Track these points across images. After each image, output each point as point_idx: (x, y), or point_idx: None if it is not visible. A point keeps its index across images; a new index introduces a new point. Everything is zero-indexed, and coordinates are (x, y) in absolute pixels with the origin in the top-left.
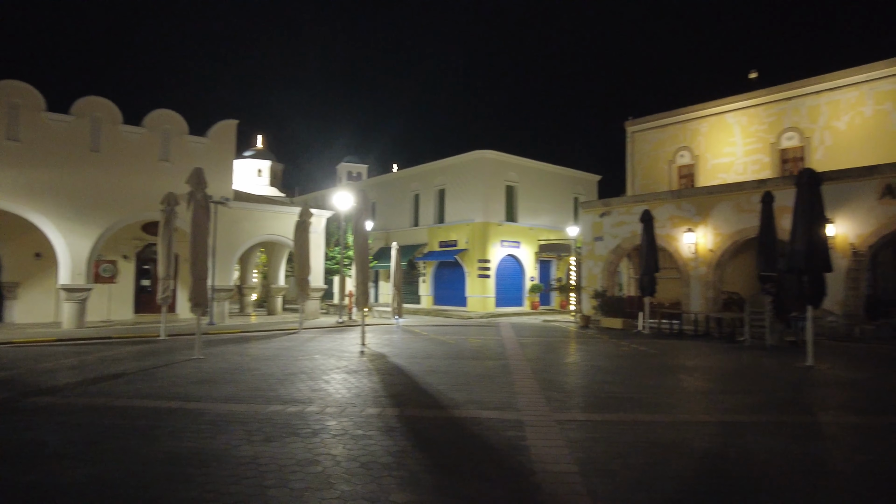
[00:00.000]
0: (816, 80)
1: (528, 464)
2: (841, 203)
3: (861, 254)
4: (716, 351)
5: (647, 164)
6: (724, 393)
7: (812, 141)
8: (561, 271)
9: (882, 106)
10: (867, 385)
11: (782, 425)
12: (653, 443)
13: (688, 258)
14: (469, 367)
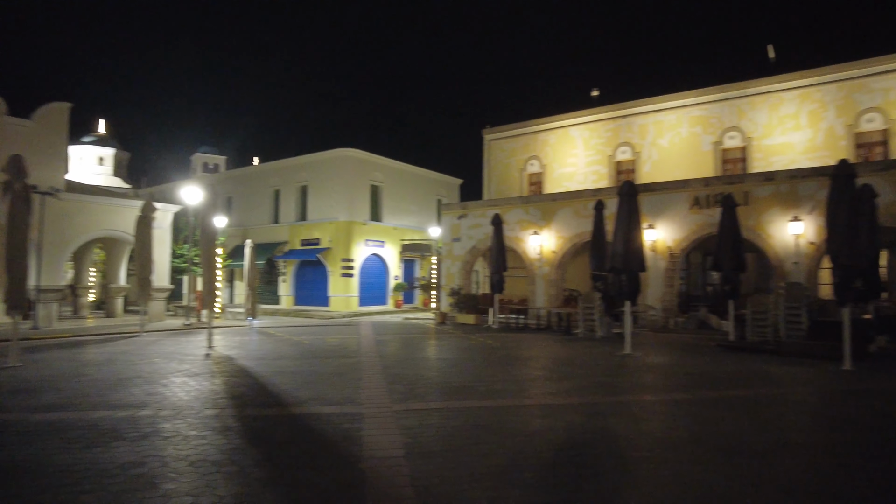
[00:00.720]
0: (645, 101)
1: (359, 452)
2: (661, 211)
3: (676, 256)
4: (553, 342)
5: (502, 170)
6: (550, 379)
7: (642, 155)
8: (424, 270)
9: (694, 129)
10: (670, 368)
11: (594, 405)
12: (477, 426)
13: (534, 258)
14: (320, 366)
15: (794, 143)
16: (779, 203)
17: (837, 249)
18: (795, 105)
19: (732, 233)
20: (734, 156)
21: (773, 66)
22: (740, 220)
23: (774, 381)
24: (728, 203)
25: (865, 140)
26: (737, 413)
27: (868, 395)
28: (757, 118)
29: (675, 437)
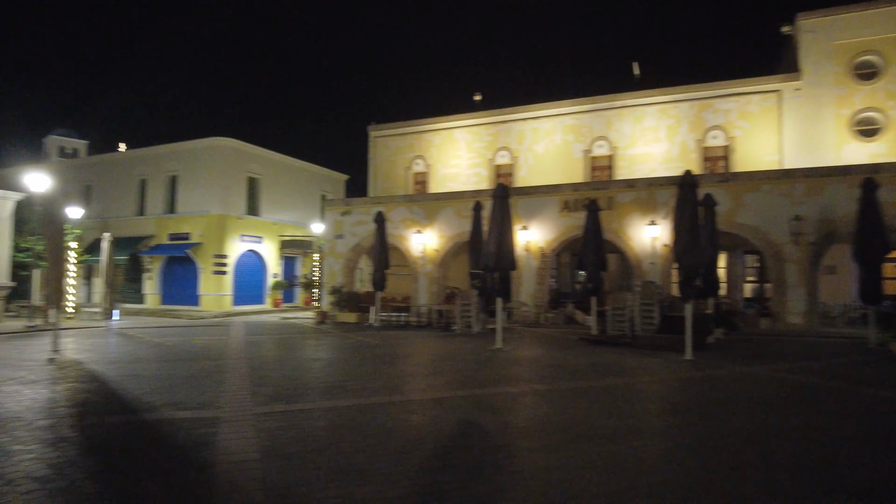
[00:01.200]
0: (524, 108)
1: (211, 458)
2: (535, 213)
3: (547, 255)
4: (431, 339)
5: (388, 168)
6: (422, 375)
7: (519, 160)
8: (306, 268)
9: (567, 137)
10: (535, 361)
11: (460, 399)
12: (342, 425)
13: (417, 256)
14: (180, 369)
15: (654, 153)
16: (638, 208)
17: (682, 251)
18: (656, 119)
19: (595, 235)
20: (602, 163)
21: (638, 82)
22: (605, 224)
23: (626, 372)
24: (592, 207)
25: (711, 154)
26: (590, 401)
27: (702, 381)
28: (623, 129)
29: (530, 425)
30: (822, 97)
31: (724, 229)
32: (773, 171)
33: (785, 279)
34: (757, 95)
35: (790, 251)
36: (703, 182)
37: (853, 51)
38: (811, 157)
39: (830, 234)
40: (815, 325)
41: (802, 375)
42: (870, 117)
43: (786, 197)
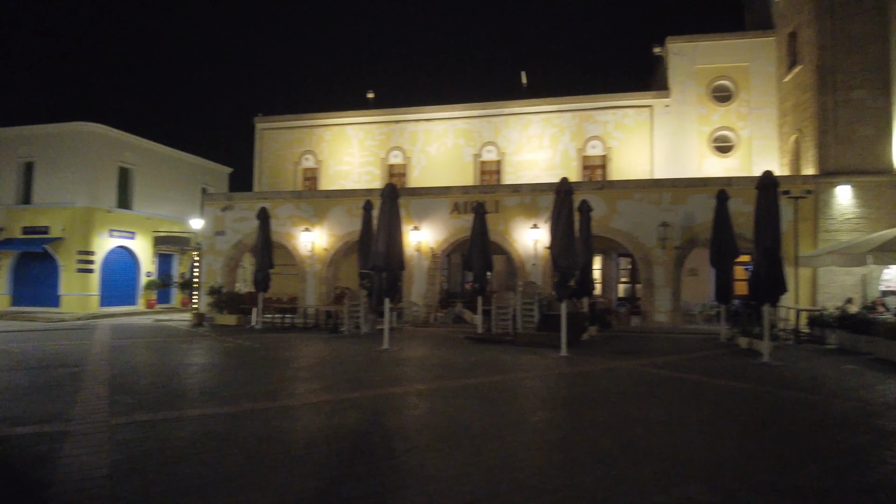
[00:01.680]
0: (417, 109)
1: (50, 477)
2: (426, 214)
3: (438, 256)
4: (317, 341)
5: (275, 162)
6: (302, 379)
7: (412, 161)
8: (184, 266)
9: (458, 140)
10: (421, 361)
11: (340, 402)
12: (208, 434)
13: (305, 255)
14: (28, 378)
15: (538, 160)
16: (523, 212)
17: (558, 254)
18: (541, 127)
19: (482, 237)
20: (491, 168)
21: (526, 90)
22: (492, 226)
23: (506, 369)
24: (479, 210)
25: (590, 163)
26: (468, 399)
27: (574, 376)
28: (510, 136)
29: (410, 426)
30: (686, 114)
31: (600, 233)
32: (644, 181)
33: (653, 280)
34: (632, 109)
35: (658, 255)
36: (580, 189)
37: (712, 75)
38: (677, 169)
39: (692, 240)
40: (679, 323)
41: (663, 369)
42: (725, 135)
43: (654, 205)
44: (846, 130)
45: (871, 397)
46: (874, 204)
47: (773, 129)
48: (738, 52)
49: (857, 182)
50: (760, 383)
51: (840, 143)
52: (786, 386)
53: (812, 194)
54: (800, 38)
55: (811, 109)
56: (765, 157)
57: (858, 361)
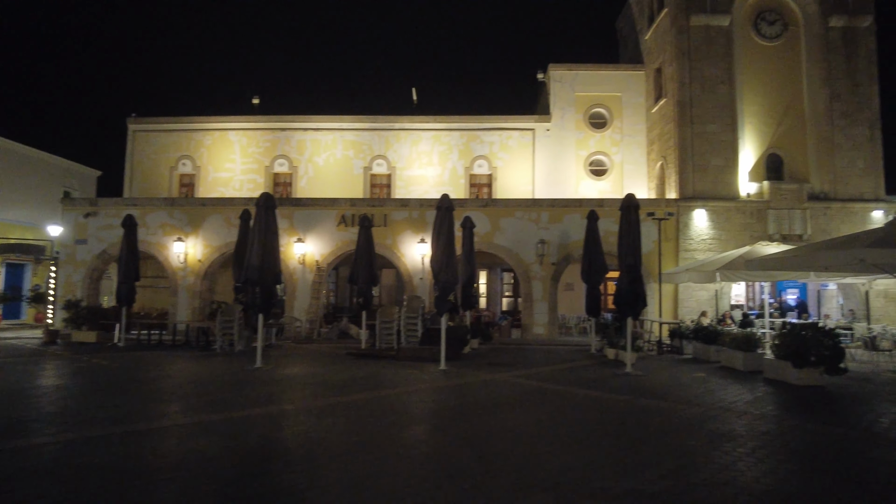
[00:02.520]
0: (305, 118)
1: None
2: (311, 226)
3: (323, 269)
4: (185, 360)
5: (149, 166)
6: (158, 402)
7: (299, 170)
8: (40, 278)
9: (348, 152)
10: (296, 379)
11: (196, 425)
12: (25, 469)
13: (177, 267)
14: None
15: (428, 176)
16: (411, 226)
17: (438, 269)
18: (430, 144)
19: (368, 250)
20: (381, 181)
21: (416, 107)
22: (380, 240)
23: (384, 384)
24: (365, 223)
25: (477, 181)
26: (338, 418)
27: (450, 390)
28: (401, 150)
29: (268, 448)
30: (565, 139)
31: (484, 249)
32: (525, 200)
33: (532, 295)
34: (516, 132)
35: (536, 270)
36: (466, 206)
37: (589, 102)
38: (557, 190)
39: (567, 257)
40: (556, 335)
41: (534, 380)
42: (600, 160)
43: (534, 223)
44: (701, 160)
45: (711, 402)
46: (724, 226)
47: (642, 156)
48: (613, 82)
49: (710, 206)
50: (620, 392)
51: (697, 171)
52: (642, 394)
53: (673, 216)
54: (664, 75)
55: (673, 139)
56: (635, 181)
57: (707, 370)
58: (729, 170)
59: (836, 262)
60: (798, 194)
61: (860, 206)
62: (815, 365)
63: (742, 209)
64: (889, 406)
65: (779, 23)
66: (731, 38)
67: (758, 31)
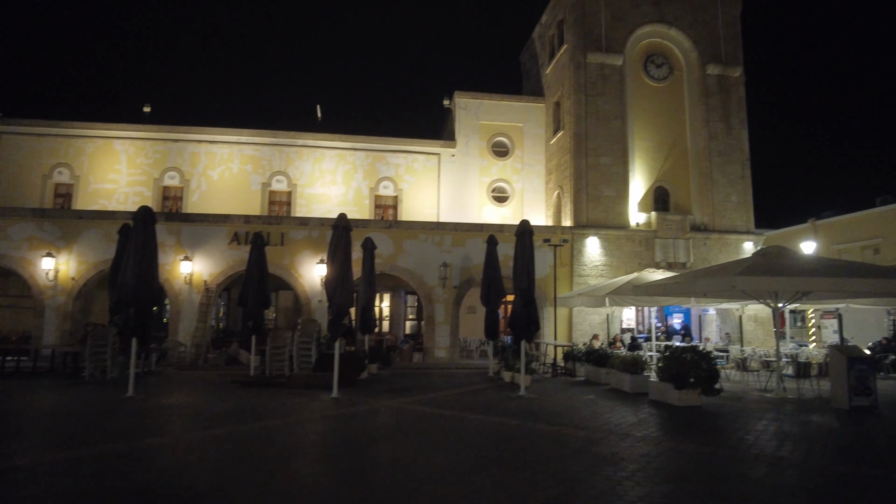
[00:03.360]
0: (200, 129)
1: None
2: (200, 244)
3: (212, 290)
4: (46, 389)
5: (18, 173)
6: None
7: (191, 184)
8: None
9: (245, 167)
10: (169, 411)
11: (34, 466)
12: None
13: (45, 286)
14: None
15: (331, 195)
16: (310, 246)
17: (333, 291)
18: (335, 163)
19: (260, 270)
20: (281, 199)
21: (321, 124)
22: (277, 260)
23: (267, 415)
24: (258, 242)
25: (382, 202)
26: (208, 452)
27: (337, 419)
28: (303, 167)
29: (121, 489)
30: (469, 165)
31: (387, 271)
32: (428, 223)
33: (434, 317)
34: (422, 155)
35: (439, 293)
36: (370, 227)
37: (493, 131)
38: (461, 214)
39: (469, 280)
40: (457, 358)
41: (428, 406)
42: (502, 187)
43: (437, 246)
44: (595, 190)
45: (598, 425)
46: (616, 253)
47: (541, 184)
48: (515, 113)
49: (602, 234)
50: (512, 416)
51: (591, 201)
52: (532, 418)
53: (568, 243)
54: (562, 108)
55: (569, 170)
56: (534, 209)
57: (597, 392)
58: (620, 200)
59: (711, 288)
60: (682, 225)
61: (734, 238)
62: (694, 386)
63: (632, 238)
64: (754, 424)
65: (665, 66)
66: (623, 77)
67: (647, 73)
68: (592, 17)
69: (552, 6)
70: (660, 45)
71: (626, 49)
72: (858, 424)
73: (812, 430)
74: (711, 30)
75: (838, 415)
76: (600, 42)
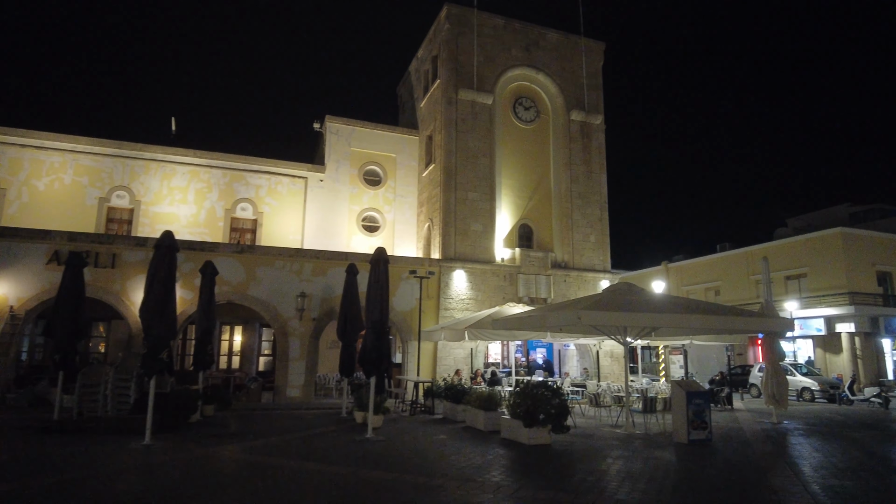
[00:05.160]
0: (24, 132)
1: None
2: (10, 263)
3: (18, 317)
4: None
5: None
6: None
7: (9, 193)
8: None
9: (81, 178)
10: None
11: None
12: None
13: None
14: None
15: (180, 215)
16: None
17: (149, 320)
18: (186, 179)
19: (75, 295)
20: (121, 216)
21: (174, 138)
22: (106, 284)
23: (62, 466)
24: (74, 261)
25: (240, 225)
26: None
27: (146, 471)
28: (149, 183)
29: None
30: (339, 192)
31: (236, 300)
32: (287, 249)
33: (289, 353)
34: (287, 178)
35: (295, 326)
36: (220, 250)
37: (365, 159)
38: (328, 243)
39: (331, 311)
40: (312, 397)
41: (260, 454)
42: (373, 216)
43: (296, 274)
44: (463, 225)
45: (439, 470)
46: (481, 287)
47: (413, 216)
48: (389, 142)
49: (469, 268)
50: (349, 464)
51: (458, 234)
52: (371, 465)
53: (434, 275)
54: (434, 142)
55: (439, 203)
56: (406, 240)
57: (451, 431)
58: (487, 235)
59: (559, 322)
60: (544, 262)
61: (592, 276)
62: (544, 423)
63: (497, 272)
64: (599, 462)
65: (533, 109)
66: (493, 116)
67: (516, 114)
68: (465, 56)
69: (428, 41)
70: (528, 89)
71: (497, 89)
72: (694, 459)
73: (652, 467)
74: (576, 79)
75: (678, 449)
76: (472, 80)
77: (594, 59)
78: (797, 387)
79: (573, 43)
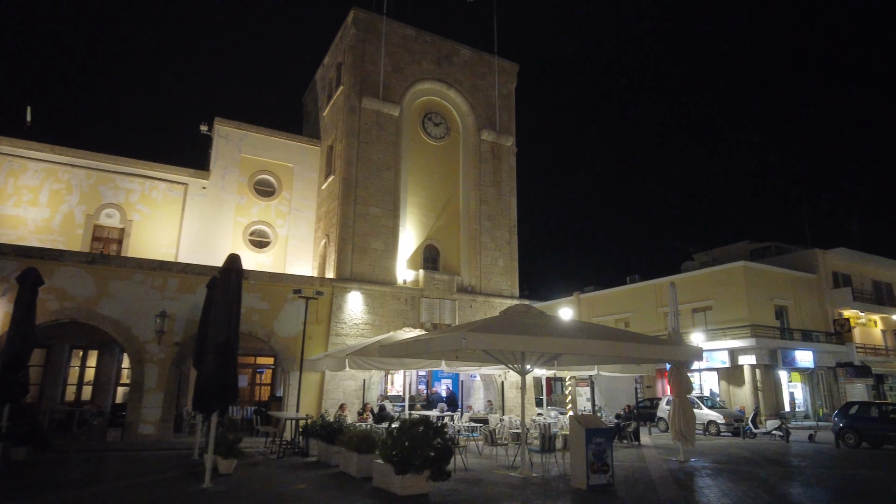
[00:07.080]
0: None
1: None
2: None
3: None
4: None
5: None
6: None
7: None
8: None
9: None
10: None
11: None
12: None
13: None
14: None
15: (29, 218)
16: None
17: None
18: (40, 178)
19: None
20: None
21: (28, 129)
22: None
23: None
24: None
25: (103, 234)
26: None
27: None
28: None
29: None
30: (225, 202)
31: (81, 319)
32: (148, 261)
33: (144, 382)
34: (164, 183)
35: (153, 351)
36: (64, 259)
37: (256, 167)
38: (208, 257)
39: (197, 335)
40: (170, 435)
41: None
42: (263, 230)
43: (158, 290)
44: (362, 242)
45: None
46: (379, 311)
47: (310, 232)
48: (286, 151)
49: (366, 290)
50: None
51: (356, 252)
52: None
53: (322, 296)
54: (335, 152)
55: (336, 218)
56: (301, 258)
57: (320, 478)
58: (388, 255)
59: (443, 346)
60: (450, 285)
61: (499, 301)
62: (419, 469)
63: (398, 295)
64: None
65: (443, 125)
66: (400, 129)
67: (425, 129)
68: (371, 64)
69: (334, 47)
70: (439, 105)
71: (405, 101)
72: None
73: None
74: (489, 98)
75: (574, 498)
76: (378, 89)
77: (507, 79)
78: (703, 420)
79: (486, 62)
